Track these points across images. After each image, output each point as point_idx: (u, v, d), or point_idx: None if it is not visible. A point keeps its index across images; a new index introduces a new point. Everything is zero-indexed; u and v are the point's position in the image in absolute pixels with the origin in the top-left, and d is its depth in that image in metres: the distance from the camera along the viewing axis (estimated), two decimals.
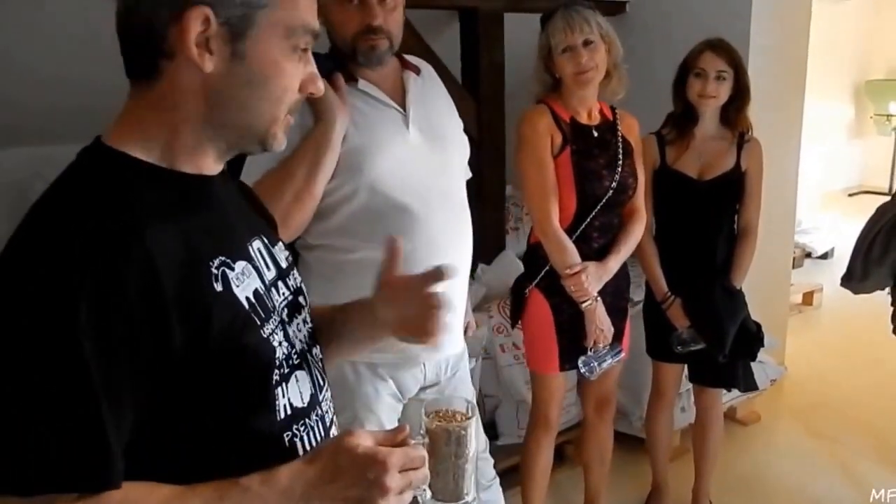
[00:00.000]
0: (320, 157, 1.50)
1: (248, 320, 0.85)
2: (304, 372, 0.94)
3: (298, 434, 0.92)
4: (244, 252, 0.90)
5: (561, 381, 2.28)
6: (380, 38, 1.56)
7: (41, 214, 0.79)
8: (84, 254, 0.73)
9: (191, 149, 0.85)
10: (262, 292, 0.89)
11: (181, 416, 0.81)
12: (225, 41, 0.81)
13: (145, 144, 0.83)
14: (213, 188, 0.90)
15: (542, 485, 2.39)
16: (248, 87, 0.84)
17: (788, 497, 2.84)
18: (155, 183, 0.82)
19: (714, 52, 2.28)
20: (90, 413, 0.73)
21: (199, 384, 0.81)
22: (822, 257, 5.60)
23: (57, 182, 0.82)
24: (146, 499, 0.77)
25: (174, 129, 0.84)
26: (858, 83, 7.77)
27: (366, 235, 1.58)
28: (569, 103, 2.11)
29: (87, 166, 0.83)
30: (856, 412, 3.44)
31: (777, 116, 3.05)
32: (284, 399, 0.90)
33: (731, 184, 2.36)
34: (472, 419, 0.94)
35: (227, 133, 0.87)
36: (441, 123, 1.72)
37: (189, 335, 0.78)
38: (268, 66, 0.84)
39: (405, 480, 0.82)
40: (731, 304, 2.32)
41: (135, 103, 0.85)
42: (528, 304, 2.20)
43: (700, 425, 2.64)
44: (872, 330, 4.18)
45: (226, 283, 0.83)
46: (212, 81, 0.82)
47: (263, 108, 0.86)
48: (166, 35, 0.80)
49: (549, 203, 2.08)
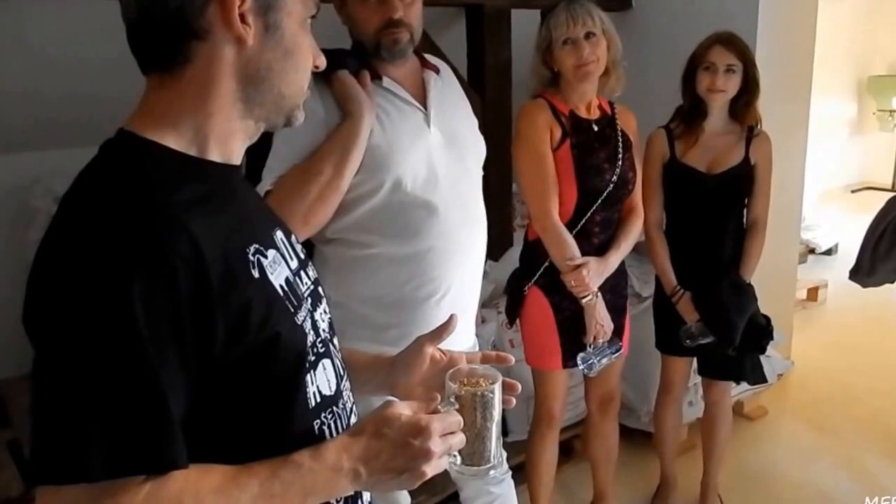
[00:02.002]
0: (348, 153, 1.54)
1: (283, 307, 0.87)
2: (328, 360, 0.96)
3: (327, 422, 0.94)
4: (272, 241, 0.92)
5: (564, 376, 2.30)
6: (401, 31, 1.61)
7: (81, 207, 0.80)
8: (134, 245, 0.74)
9: (221, 133, 0.87)
10: (291, 280, 0.91)
11: (218, 403, 0.83)
12: (257, 14, 0.84)
13: (176, 133, 0.84)
14: (238, 178, 0.93)
15: (548, 480, 2.42)
16: (280, 59, 0.87)
17: (795, 491, 2.88)
18: (188, 171, 0.84)
19: (724, 46, 2.30)
20: (153, 394, 0.74)
21: (238, 371, 0.83)
22: (825, 253, 5.64)
23: (89, 173, 0.83)
24: (202, 479, 0.78)
25: (207, 113, 0.85)
26: (861, 79, 7.76)
27: (384, 231, 1.63)
28: (568, 97, 2.12)
29: (121, 158, 0.83)
30: (862, 407, 3.48)
31: (783, 112, 3.06)
32: (314, 387, 0.92)
33: (740, 178, 2.38)
34: (497, 383, 0.96)
35: (259, 109, 0.89)
36: (460, 122, 1.78)
37: (231, 325, 0.80)
38: (294, 36, 0.87)
39: (446, 445, 0.85)
40: (740, 297, 2.35)
41: (157, 94, 0.85)
42: (527, 301, 2.22)
43: (709, 419, 2.68)
44: (878, 325, 4.25)
45: (262, 270, 0.85)
46: (247, 57, 0.85)
47: (296, 78, 0.89)
48: (201, 15, 0.82)
49: (549, 197, 2.09)
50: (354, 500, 0.99)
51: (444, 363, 1.07)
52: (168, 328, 0.75)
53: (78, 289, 0.74)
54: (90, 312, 0.73)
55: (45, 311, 0.76)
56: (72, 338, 0.74)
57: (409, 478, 0.85)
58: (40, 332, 0.77)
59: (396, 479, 0.86)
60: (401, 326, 1.67)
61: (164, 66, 0.84)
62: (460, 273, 1.73)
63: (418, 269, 1.67)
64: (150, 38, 0.84)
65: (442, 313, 1.70)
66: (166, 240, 0.76)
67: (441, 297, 1.70)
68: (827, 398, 3.57)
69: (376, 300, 1.67)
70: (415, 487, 0.87)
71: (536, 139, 2.08)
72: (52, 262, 0.77)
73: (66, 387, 0.73)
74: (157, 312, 0.74)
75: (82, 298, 0.74)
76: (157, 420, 0.75)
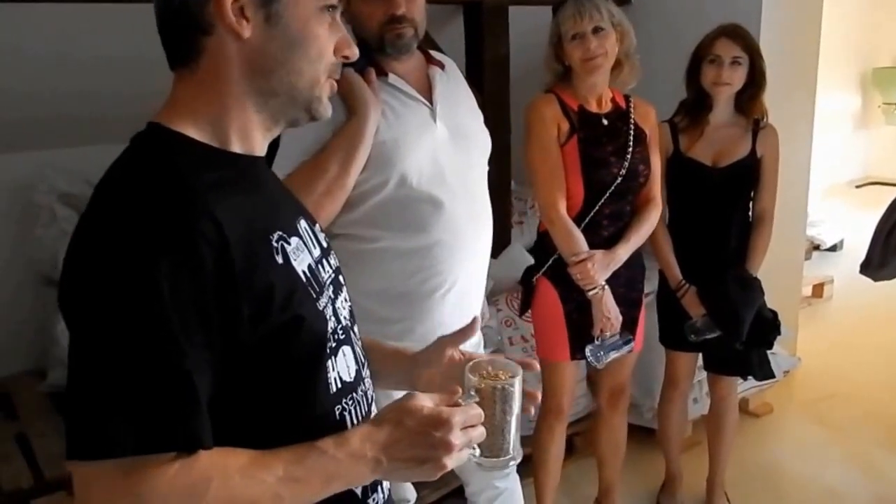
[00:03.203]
0: (353, 151, 1.58)
1: (306, 293, 0.91)
2: (349, 347, 1.00)
3: (347, 408, 0.97)
4: (295, 229, 0.96)
5: (572, 368, 2.33)
6: (405, 27, 1.65)
7: (111, 194, 0.84)
8: (160, 229, 0.79)
9: (240, 124, 0.91)
10: (313, 267, 0.95)
11: (242, 385, 0.87)
12: (258, 6, 0.87)
13: (197, 125, 0.89)
14: (261, 168, 0.96)
15: (555, 473, 2.45)
16: (285, 49, 0.89)
17: (802, 488, 2.90)
18: (213, 161, 0.88)
19: (729, 38, 2.31)
20: (180, 374, 0.78)
21: (262, 355, 0.86)
22: (830, 249, 5.65)
23: (120, 163, 0.87)
24: (231, 464, 0.81)
25: (222, 105, 0.89)
26: (865, 71, 7.74)
27: (391, 225, 1.67)
28: (578, 91, 2.16)
29: (149, 148, 0.88)
30: (868, 403, 3.50)
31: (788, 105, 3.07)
32: (334, 372, 0.95)
33: (746, 171, 2.40)
34: (518, 377, 0.97)
35: (272, 102, 0.92)
36: (465, 117, 1.82)
37: (255, 307, 0.84)
38: (301, 27, 0.89)
39: (466, 438, 0.87)
40: (747, 291, 2.37)
41: (181, 88, 0.91)
42: (537, 292, 2.26)
43: (715, 415, 2.69)
44: (884, 321, 4.26)
45: (285, 257, 0.89)
46: (250, 48, 0.88)
47: (303, 68, 0.91)
48: (203, 10, 0.86)
49: (556, 191, 2.13)
50: (374, 488, 1.02)
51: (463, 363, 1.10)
52: (193, 310, 0.79)
53: (107, 270, 0.78)
54: (118, 294, 0.78)
55: (78, 292, 0.80)
56: (100, 319, 0.78)
57: (430, 468, 0.87)
58: (74, 313, 0.81)
59: (417, 469, 0.88)
60: (407, 320, 1.72)
61: (183, 61, 0.90)
62: (466, 267, 1.77)
63: (425, 262, 1.70)
64: (167, 34, 0.90)
65: (447, 307, 1.74)
66: (191, 223, 0.80)
67: (447, 290, 1.74)
68: (833, 395, 3.59)
69: (383, 294, 1.70)
70: (435, 479, 0.89)
71: (544, 133, 2.13)
72: (84, 245, 0.82)
73: (98, 366, 0.78)
74: (183, 294, 0.78)
75: (111, 280, 0.78)
76: (185, 399, 0.79)
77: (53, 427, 2.47)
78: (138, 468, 0.77)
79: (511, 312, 2.92)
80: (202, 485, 0.79)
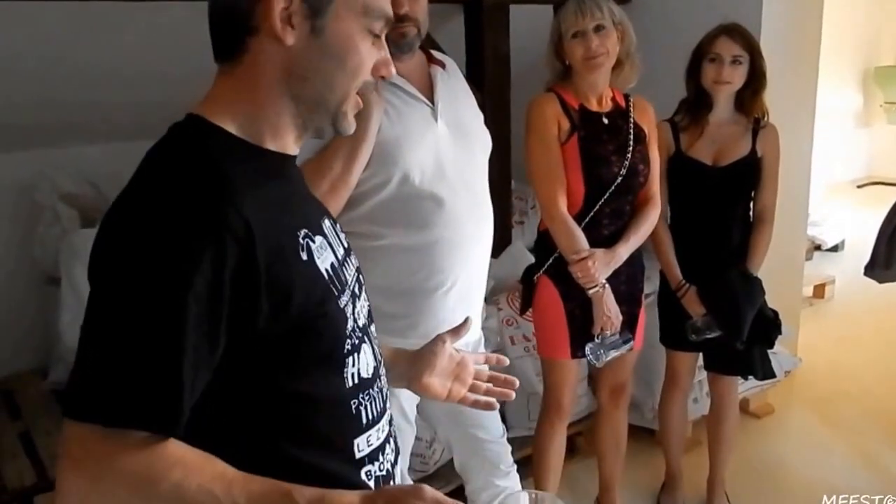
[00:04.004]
0: (357, 149, 1.61)
1: (328, 290, 0.94)
2: (367, 346, 1.03)
3: (363, 403, 1.00)
4: (320, 227, 1.00)
5: (573, 366, 2.35)
6: (408, 26, 1.67)
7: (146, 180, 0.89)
8: (194, 218, 0.82)
9: (273, 124, 0.95)
10: (337, 266, 0.98)
11: (258, 376, 0.90)
12: (305, 17, 0.91)
13: (234, 119, 0.93)
14: (292, 167, 1.00)
15: (556, 472, 2.46)
16: (324, 61, 0.93)
17: (803, 488, 2.91)
18: (246, 155, 0.92)
19: (729, 37, 2.33)
20: (174, 364, 0.82)
21: (278, 349, 0.89)
22: (832, 249, 5.66)
23: (157, 150, 0.92)
24: (196, 469, 0.84)
25: (258, 102, 0.94)
26: (867, 70, 7.75)
27: (393, 223, 1.70)
28: (579, 90, 2.18)
29: (186, 137, 0.92)
30: (870, 402, 3.52)
31: (789, 104, 3.09)
32: (354, 368, 0.98)
33: (747, 170, 2.42)
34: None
35: (304, 108, 0.96)
36: (465, 116, 1.85)
37: (275, 302, 0.87)
38: (344, 43, 0.94)
39: None
40: (748, 290, 2.38)
41: (223, 82, 0.95)
42: (538, 290, 2.28)
43: (715, 414, 2.71)
44: (886, 322, 4.27)
45: (309, 254, 0.93)
46: (292, 55, 0.92)
47: (337, 81, 0.95)
48: (252, 12, 0.90)
49: (556, 189, 2.15)
50: (387, 480, 1.05)
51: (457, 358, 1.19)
52: (205, 306, 0.82)
53: (133, 252, 0.83)
54: (140, 272, 0.82)
55: (104, 266, 0.85)
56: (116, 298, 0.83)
57: None
58: (97, 284, 0.85)
59: None
60: (410, 316, 1.74)
61: (228, 57, 0.94)
62: (468, 264, 1.79)
63: (427, 259, 1.73)
64: (217, 29, 0.95)
65: (450, 304, 1.76)
66: (222, 214, 0.84)
67: (449, 287, 1.76)
68: (834, 395, 3.61)
69: (388, 290, 1.72)
70: None
71: (545, 131, 2.15)
72: (117, 224, 0.86)
73: (104, 333, 0.83)
74: (203, 285, 0.82)
75: (135, 262, 0.82)
76: (170, 389, 0.82)
77: (57, 425, 2.50)
78: (113, 437, 0.82)
79: (512, 311, 2.94)
80: (161, 475, 0.82)
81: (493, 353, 1.36)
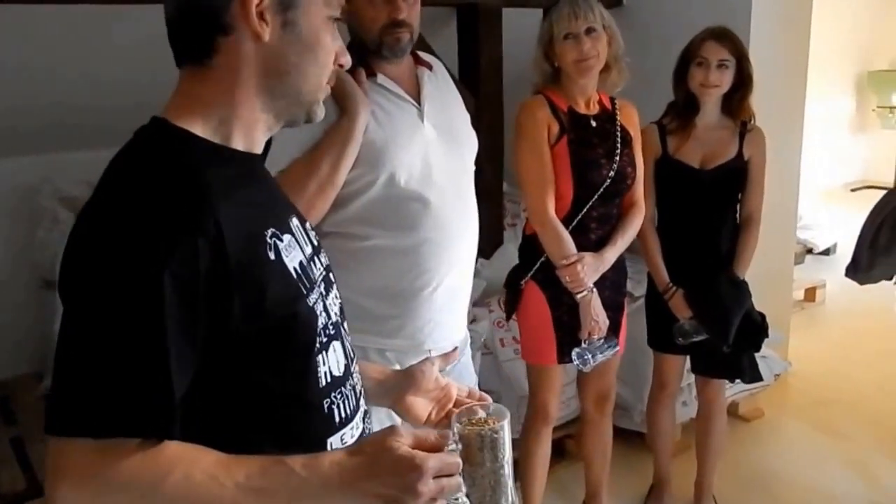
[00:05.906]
0: (344, 150, 1.64)
1: (297, 289, 0.96)
2: (338, 343, 1.04)
3: (336, 401, 1.02)
4: (287, 226, 1.01)
5: (559, 372, 2.37)
6: (404, 31, 1.72)
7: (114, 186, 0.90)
8: (159, 223, 0.84)
9: (246, 123, 0.96)
10: (305, 264, 1.00)
11: (231, 379, 0.91)
12: (276, 12, 0.93)
13: (205, 121, 0.94)
14: (259, 166, 1.02)
15: (542, 477, 2.48)
16: (299, 54, 0.96)
17: (792, 492, 2.93)
18: (216, 158, 0.94)
19: (717, 41, 2.36)
20: (160, 366, 0.83)
21: (251, 351, 0.91)
22: (823, 253, 5.69)
23: (123, 156, 0.92)
24: (196, 461, 0.85)
25: (232, 102, 0.95)
26: (860, 74, 7.80)
27: (380, 224, 1.73)
28: (568, 93, 2.20)
29: (154, 142, 0.92)
30: (862, 407, 3.54)
31: (778, 108, 3.12)
32: (325, 367, 1.00)
33: (734, 173, 2.45)
34: (504, 421, 0.96)
35: (279, 102, 0.98)
36: (452, 118, 1.88)
37: (247, 302, 0.89)
38: (314, 34, 0.96)
39: (437, 487, 0.86)
40: (735, 293, 2.41)
41: (190, 85, 0.96)
42: (524, 296, 2.29)
43: (703, 418, 2.73)
44: (877, 326, 4.29)
45: (277, 253, 0.95)
46: (266, 51, 0.94)
47: (312, 73, 0.98)
48: (226, 11, 0.92)
49: (546, 193, 2.17)
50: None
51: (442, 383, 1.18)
52: (183, 306, 0.84)
53: (103, 259, 0.84)
54: (115, 282, 0.83)
55: (77, 273, 0.86)
56: (92, 305, 0.84)
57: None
58: (70, 293, 0.86)
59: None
60: (398, 318, 1.77)
61: (196, 59, 0.95)
62: (454, 265, 1.82)
63: (414, 260, 1.75)
64: (184, 32, 0.95)
65: (436, 304, 1.79)
66: (192, 219, 0.85)
67: (435, 288, 1.79)
68: (825, 400, 3.63)
69: (375, 291, 1.75)
70: None
71: (534, 134, 2.17)
72: (86, 233, 0.87)
73: (83, 346, 0.84)
74: (179, 290, 0.83)
75: (106, 269, 0.83)
76: (160, 392, 0.84)
77: None
78: (105, 448, 0.82)
79: (503, 314, 2.96)
80: (163, 475, 0.83)
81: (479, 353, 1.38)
